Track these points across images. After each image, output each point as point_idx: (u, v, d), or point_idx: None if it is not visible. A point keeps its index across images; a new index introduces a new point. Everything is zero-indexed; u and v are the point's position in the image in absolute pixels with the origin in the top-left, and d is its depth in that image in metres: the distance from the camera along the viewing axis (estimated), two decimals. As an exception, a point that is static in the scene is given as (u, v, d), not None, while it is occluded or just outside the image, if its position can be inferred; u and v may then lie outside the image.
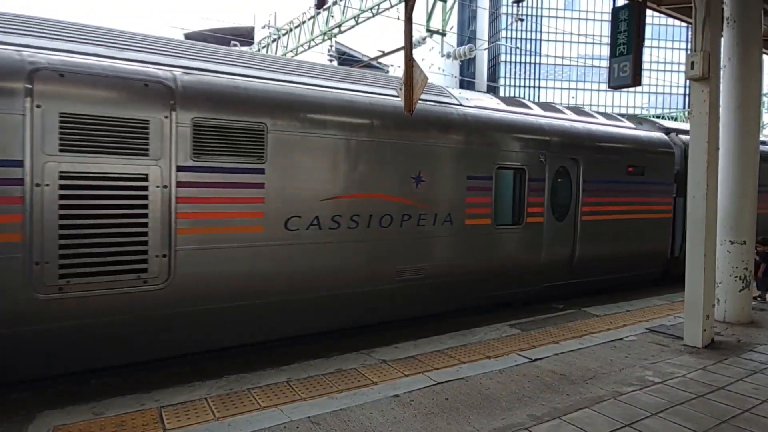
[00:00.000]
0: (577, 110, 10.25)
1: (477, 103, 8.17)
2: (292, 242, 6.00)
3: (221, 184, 5.53)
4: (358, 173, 6.48)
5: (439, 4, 15.95)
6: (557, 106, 10.04)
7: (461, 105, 7.75)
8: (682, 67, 6.66)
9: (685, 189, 10.08)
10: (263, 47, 24.25)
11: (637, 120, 11.72)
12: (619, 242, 9.74)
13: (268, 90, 5.98)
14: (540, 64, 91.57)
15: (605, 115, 10.88)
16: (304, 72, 6.64)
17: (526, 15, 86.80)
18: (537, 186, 8.40)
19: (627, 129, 10.34)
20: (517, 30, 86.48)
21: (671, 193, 10.57)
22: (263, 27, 25.06)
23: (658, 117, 31.21)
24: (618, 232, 9.70)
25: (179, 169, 5.27)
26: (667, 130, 11.14)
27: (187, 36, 27.90)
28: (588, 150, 9.17)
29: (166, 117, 5.19)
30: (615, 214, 9.61)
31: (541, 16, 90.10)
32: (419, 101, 6.39)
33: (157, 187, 5.15)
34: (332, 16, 19.43)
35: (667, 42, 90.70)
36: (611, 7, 6.71)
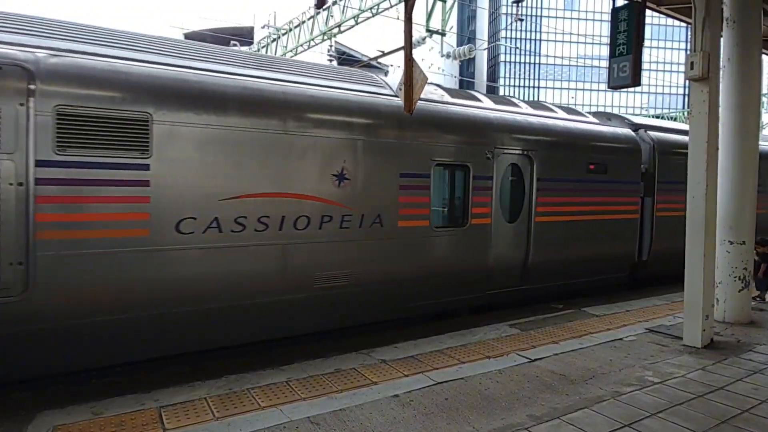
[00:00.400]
0: (535, 104, 9.85)
1: None
2: (186, 247, 5.34)
3: (94, 182, 4.86)
4: (267, 170, 5.81)
5: (439, 4, 15.95)
6: (512, 100, 9.55)
7: (396, 96, 6.96)
8: (682, 68, 6.64)
9: (653, 188, 10.14)
10: (263, 47, 24.24)
11: (606, 116, 11.29)
12: (578, 245, 9.16)
13: (155, 75, 5.28)
14: (540, 64, 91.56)
15: (567, 109, 10.34)
16: (204, 57, 6.00)
17: (526, 15, 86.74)
18: (483, 184, 7.76)
19: (588, 124, 9.77)
20: (516, 30, 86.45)
21: (638, 192, 10.02)
22: (263, 27, 25.07)
23: (657, 117, 31.24)
24: (578, 234, 9.13)
25: (39, 164, 4.60)
26: (636, 127, 10.66)
27: (187, 36, 27.87)
28: (543, 146, 8.57)
29: (22, 105, 4.54)
30: (574, 214, 9.03)
31: (541, 16, 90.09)
32: (344, 90, 6.32)
33: (11, 184, 4.50)
34: (332, 16, 19.42)
35: (666, 42, 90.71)
36: (611, 7, 6.70)
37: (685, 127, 11.32)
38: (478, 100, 8.54)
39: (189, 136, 5.35)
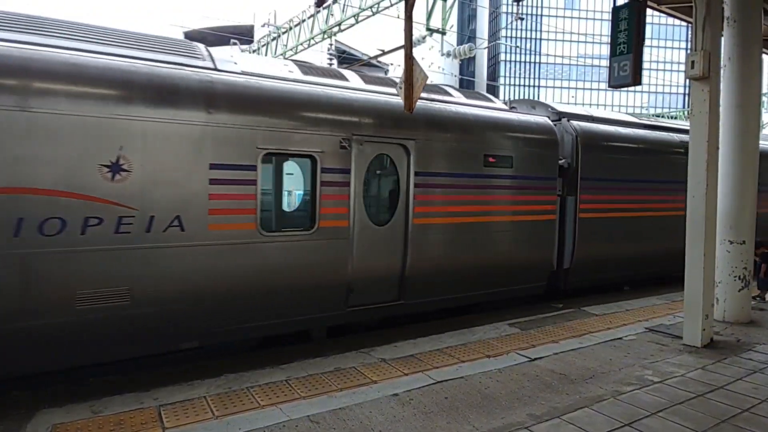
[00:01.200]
0: (426, 87, 8.15)
1: (251, 68, 6.24)
2: None
3: None
4: None
5: (439, 3, 15.93)
6: (388, 80, 8.10)
7: (215, 69, 5.81)
8: (683, 67, 6.64)
9: (576, 185, 8.95)
10: (263, 46, 24.22)
11: (529, 104, 9.91)
12: (474, 251, 7.64)
13: None
14: (540, 63, 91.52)
15: (470, 93, 8.86)
16: None
17: (526, 14, 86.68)
18: (337, 179, 6.37)
19: (489, 110, 8.18)
20: (517, 29, 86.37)
21: (555, 190, 8.60)
22: (263, 25, 25.05)
23: (658, 116, 31.09)
24: (473, 239, 7.63)
25: None
26: (560, 115, 9.27)
27: (186, 35, 27.88)
28: (424, 134, 7.07)
29: None
30: (467, 215, 7.49)
31: (541, 15, 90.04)
32: (125, 59, 5.18)
33: None
34: (332, 15, 19.39)
35: (667, 41, 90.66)
36: (611, 6, 6.69)
37: (620, 116, 10.85)
38: (343, 78, 7.16)
39: None
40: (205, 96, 5.51)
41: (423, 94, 7.05)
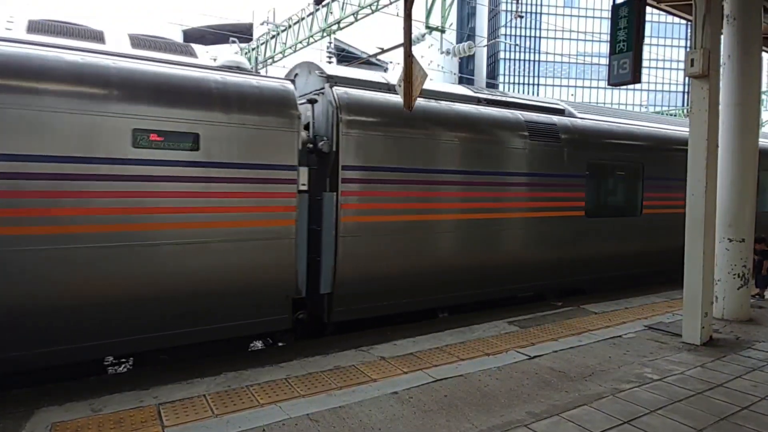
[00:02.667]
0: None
1: None
2: None
3: None
4: None
5: (439, 1, 15.93)
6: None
7: None
8: (682, 65, 6.63)
9: (332, 179, 6.40)
10: (262, 44, 24.18)
11: (309, 66, 7.26)
12: (118, 275, 5.03)
13: None
14: (539, 61, 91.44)
15: (150, 41, 6.16)
16: None
17: (526, 12, 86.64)
18: None
19: (164, 67, 5.47)
20: (516, 27, 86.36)
21: (292, 183, 5.96)
22: (262, 23, 24.96)
23: (658, 114, 30.88)
24: (114, 256, 5.00)
25: None
26: (330, 80, 6.68)
27: (186, 33, 27.84)
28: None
29: None
30: (99, 222, 4.91)
31: (541, 13, 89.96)
32: None
33: None
34: (331, 13, 19.37)
35: (667, 39, 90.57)
36: (611, 4, 6.69)
37: (433, 86, 7.74)
38: None
39: None
40: None
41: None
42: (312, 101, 6.80)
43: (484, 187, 7.59)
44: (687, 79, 6.32)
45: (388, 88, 7.08)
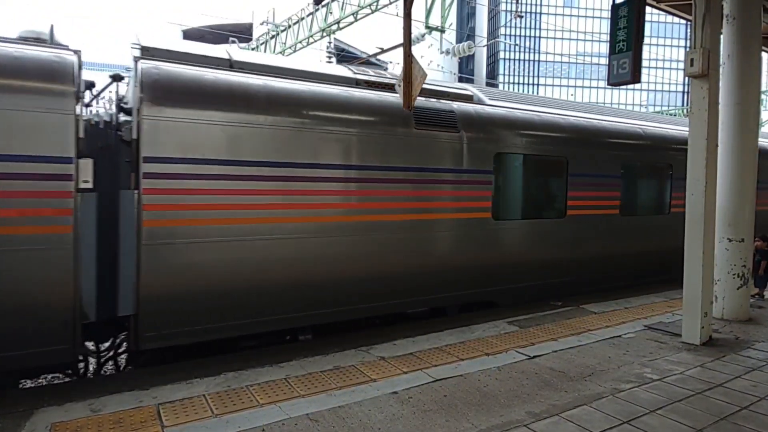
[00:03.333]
0: None
1: None
2: None
3: None
4: None
5: (438, 1, 15.94)
6: None
7: None
8: (682, 65, 6.64)
9: (138, 172, 5.15)
10: (262, 44, 24.17)
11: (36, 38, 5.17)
12: None
13: None
14: (539, 61, 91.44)
15: None
16: None
17: (525, 12, 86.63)
18: None
19: None
20: (516, 27, 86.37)
21: (67, 180, 4.78)
22: (262, 23, 24.95)
23: (658, 113, 30.85)
24: None
25: None
26: (143, 51, 5.53)
27: (185, 33, 27.82)
28: None
29: None
30: None
31: (541, 13, 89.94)
32: None
33: None
34: (331, 13, 19.37)
35: (666, 39, 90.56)
36: (611, 3, 6.68)
37: (282, 62, 6.80)
38: None
39: None
40: None
41: None
42: (117, 78, 5.68)
43: (351, 183, 6.37)
44: (687, 78, 6.32)
45: (231, 65, 6.01)
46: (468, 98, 7.89)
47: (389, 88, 6.98)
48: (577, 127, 8.80)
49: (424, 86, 6.78)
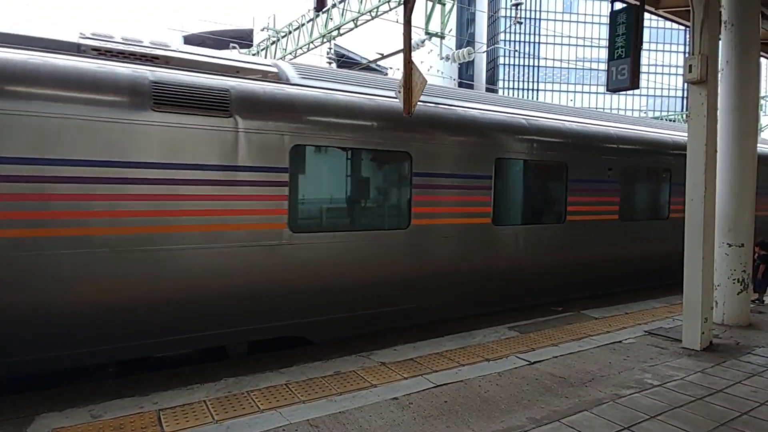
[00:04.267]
0: None
1: None
2: None
3: None
4: None
5: (438, 7, 15.99)
6: None
7: None
8: (680, 70, 6.67)
9: None
10: (262, 50, 24.26)
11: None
12: None
13: None
14: (539, 66, 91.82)
15: None
16: None
17: (525, 18, 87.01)
18: None
19: None
20: (515, 33, 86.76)
21: None
22: (262, 29, 25.05)
23: (657, 119, 30.90)
24: None
25: None
26: None
27: (186, 38, 27.92)
28: None
29: None
30: None
31: (540, 19, 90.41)
32: None
33: None
34: (331, 19, 19.44)
35: (665, 45, 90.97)
36: (609, 10, 6.72)
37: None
38: None
39: None
40: None
41: None
42: None
43: (54, 185, 4.65)
44: (685, 84, 6.35)
45: None
46: (274, 75, 6.22)
47: (151, 59, 5.36)
48: (426, 116, 6.91)
49: (188, 55, 5.66)
